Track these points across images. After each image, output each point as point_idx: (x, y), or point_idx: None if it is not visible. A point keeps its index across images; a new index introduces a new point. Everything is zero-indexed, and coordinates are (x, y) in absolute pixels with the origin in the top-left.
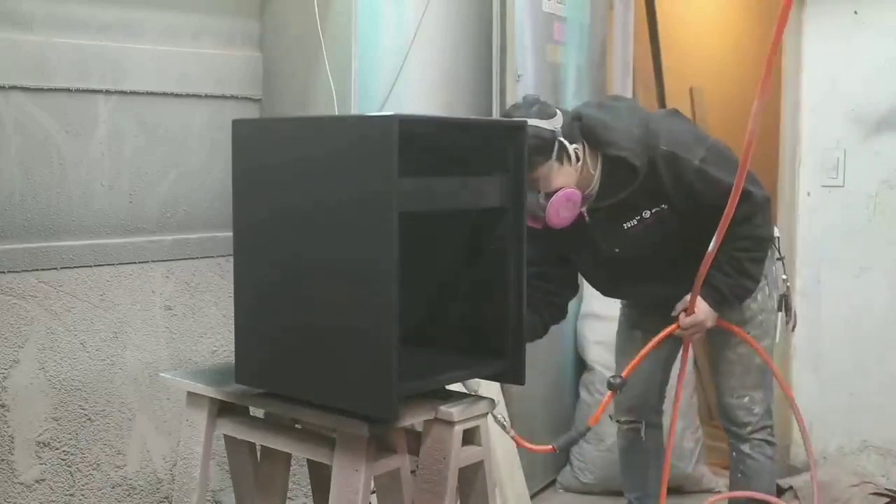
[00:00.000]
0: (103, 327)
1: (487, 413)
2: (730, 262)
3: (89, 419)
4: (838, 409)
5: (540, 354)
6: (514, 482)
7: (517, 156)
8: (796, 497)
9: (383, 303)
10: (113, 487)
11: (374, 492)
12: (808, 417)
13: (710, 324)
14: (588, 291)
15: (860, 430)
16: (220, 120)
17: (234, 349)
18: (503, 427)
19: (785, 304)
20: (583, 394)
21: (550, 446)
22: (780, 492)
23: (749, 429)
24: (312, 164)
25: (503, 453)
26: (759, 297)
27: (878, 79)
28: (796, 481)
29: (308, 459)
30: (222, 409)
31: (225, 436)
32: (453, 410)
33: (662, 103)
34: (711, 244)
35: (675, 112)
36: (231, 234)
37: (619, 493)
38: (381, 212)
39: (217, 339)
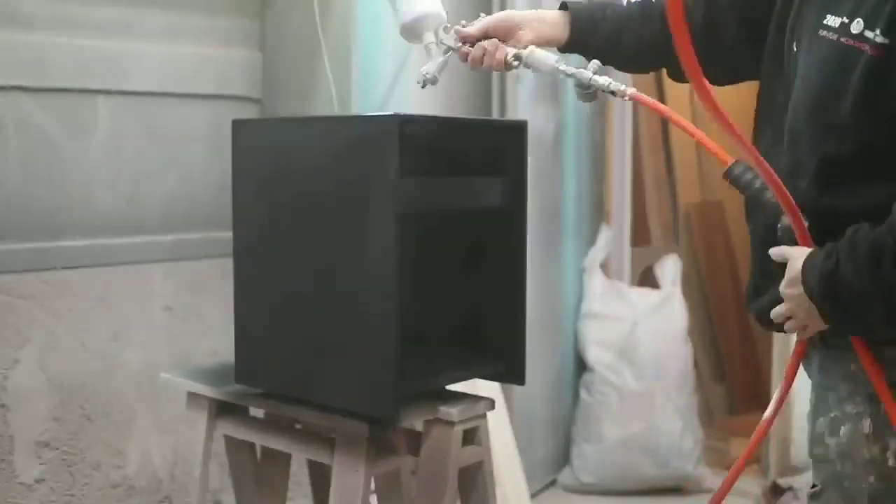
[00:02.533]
0: (103, 327)
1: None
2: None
3: (89, 419)
4: None
5: (540, 354)
6: (514, 482)
7: (517, 156)
8: (796, 497)
9: (384, 303)
10: (113, 487)
11: (374, 492)
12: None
13: (802, 319)
14: (588, 290)
15: None
16: (220, 120)
17: (233, 349)
18: None
19: None
20: (583, 394)
21: None
22: (779, 492)
23: None
24: (312, 165)
25: (503, 453)
26: (846, 429)
27: None
28: (796, 481)
29: (308, 459)
30: (222, 409)
31: (225, 436)
32: (453, 410)
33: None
34: None
35: None
36: (231, 234)
37: (619, 493)
38: (381, 212)
39: (217, 339)
